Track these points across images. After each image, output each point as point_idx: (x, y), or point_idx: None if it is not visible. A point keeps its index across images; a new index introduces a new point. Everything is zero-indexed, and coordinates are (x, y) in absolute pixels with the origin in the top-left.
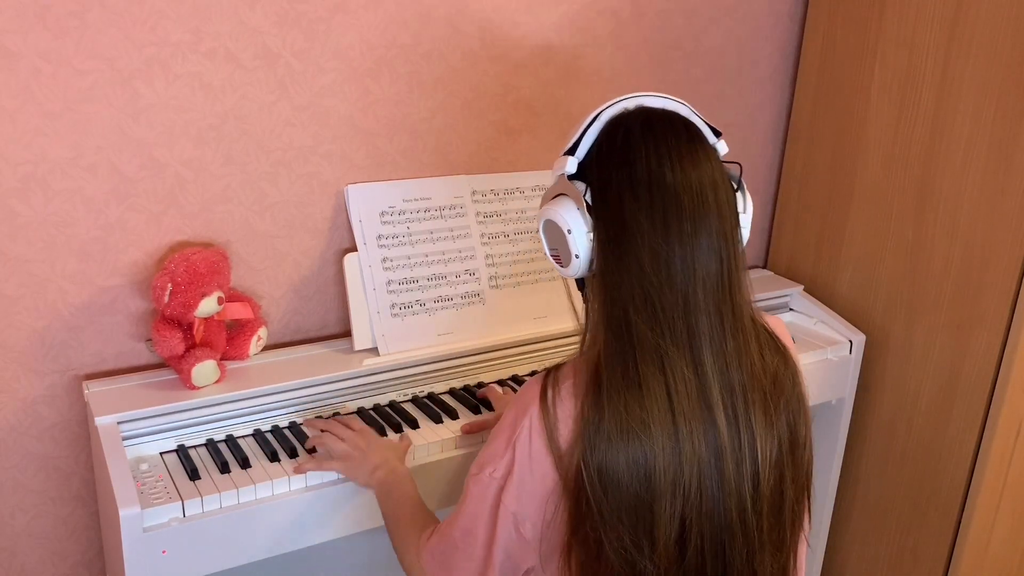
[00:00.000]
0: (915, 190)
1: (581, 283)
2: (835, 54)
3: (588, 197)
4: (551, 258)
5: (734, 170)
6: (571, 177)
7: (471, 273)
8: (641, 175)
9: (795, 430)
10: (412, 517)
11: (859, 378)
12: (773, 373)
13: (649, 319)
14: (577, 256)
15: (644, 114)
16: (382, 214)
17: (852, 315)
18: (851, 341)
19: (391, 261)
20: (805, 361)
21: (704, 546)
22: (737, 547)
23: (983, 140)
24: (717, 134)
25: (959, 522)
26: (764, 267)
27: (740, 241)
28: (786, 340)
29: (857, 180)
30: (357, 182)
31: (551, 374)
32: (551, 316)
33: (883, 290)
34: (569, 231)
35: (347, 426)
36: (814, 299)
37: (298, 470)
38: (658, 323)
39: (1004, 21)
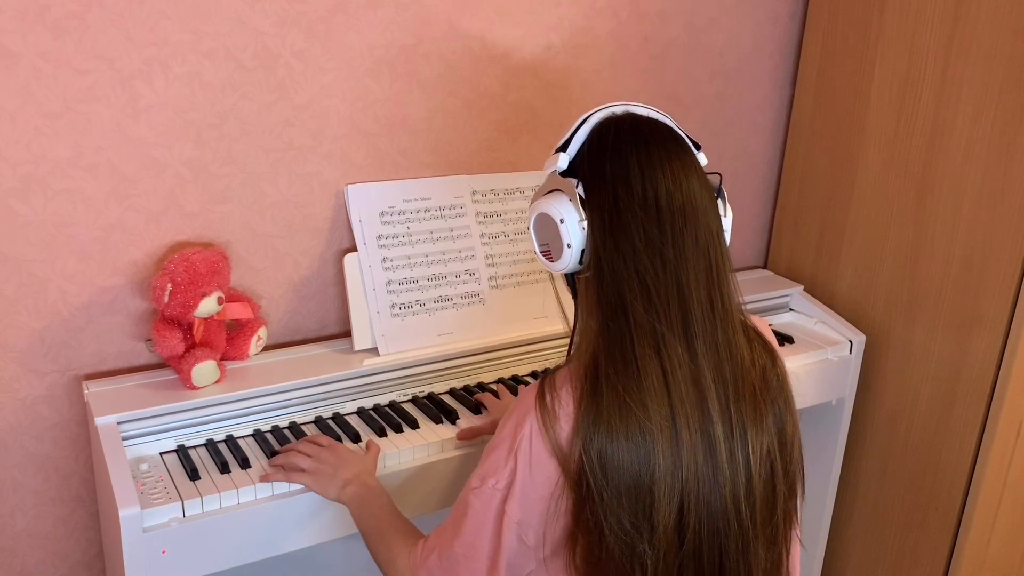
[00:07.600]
0: (915, 190)
1: (572, 283)
2: (835, 54)
3: (580, 190)
4: (540, 255)
5: (714, 179)
6: (562, 174)
7: (471, 273)
8: (633, 168)
9: (783, 428)
10: (394, 530)
11: (859, 378)
12: (762, 368)
13: (644, 301)
14: (569, 246)
15: (632, 119)
16: (382, 214)
17: (852, 315)
18: (851, 341)
19: (391, 261)
20: (805, 361)
21: (702, 533)
22: (732, 537)
23: (983, 140)
24: (697, 147)
25: (959, 522)
26: (764, 267)
27: (725, 241)
28: (771, 340)
29: (857, 180)
30: (357, 182)
31: (546, 380)
32: (551, 316)
33: (883, 290)
34: (562, 220)
35: (315, 443)
36: (814, 299)
37: (264, 479)
38: (653, 306)
39: (1004, 21)
